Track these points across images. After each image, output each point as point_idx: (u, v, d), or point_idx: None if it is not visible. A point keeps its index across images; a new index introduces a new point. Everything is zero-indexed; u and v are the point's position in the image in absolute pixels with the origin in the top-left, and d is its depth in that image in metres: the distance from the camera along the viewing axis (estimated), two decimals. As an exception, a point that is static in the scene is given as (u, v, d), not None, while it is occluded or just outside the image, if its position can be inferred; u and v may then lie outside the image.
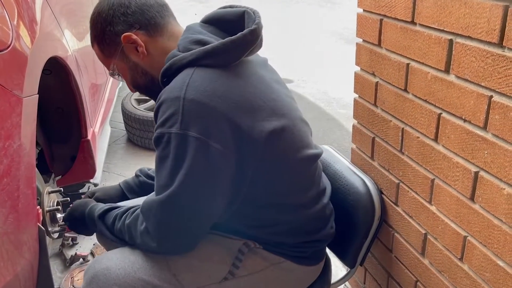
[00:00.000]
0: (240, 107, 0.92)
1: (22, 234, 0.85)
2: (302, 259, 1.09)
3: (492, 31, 0.77)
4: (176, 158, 0.89)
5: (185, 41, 0.99)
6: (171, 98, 0.89)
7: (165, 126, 0.89)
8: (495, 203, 0.84)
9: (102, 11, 1.05)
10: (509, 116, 0.77)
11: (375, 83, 1.15)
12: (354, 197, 1.19)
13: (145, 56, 1.04)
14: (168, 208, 0.92)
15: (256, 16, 0.99)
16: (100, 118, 2.10)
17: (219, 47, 0.93)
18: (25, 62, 0.98)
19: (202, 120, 0.88)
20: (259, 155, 0.95)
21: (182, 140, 0.88)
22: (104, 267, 0.99)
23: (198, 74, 0.92)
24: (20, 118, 0.89)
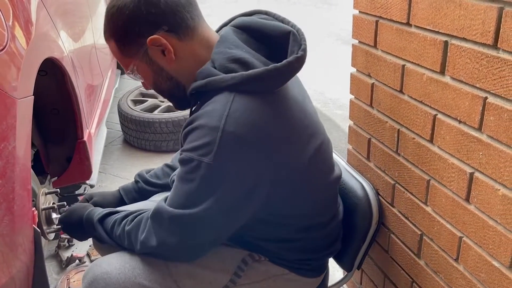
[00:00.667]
0: (280, 140, 0.90)
1: (17, 236, 0.85)
2: (307, 271, 1.09)
3: (486, 33, 0.77)
4: (202, 186, 0.87)
5: (222, 57, 0.91)
6: (210, 126, 0.85)
7: (197, 153, 0.86)
8: (490, 204, 0.84)
9: (124, 7, 0.92)
10: (503, 117, 0.77)
11: (371, 84, 1.16)
12: (352, 201, 1.19)
13: (172, 61, 0.95)
14: (181, 225, 0.90)
15: (302, 39, 0.93)
16: (96, 119, 2.10)
17: (263, 74, 0.87)
18: (20, 63, 0.98)
19: (238, 154, 0.85)
20: (297, 183, 0.95)
21: (213, 171, 0.85)
22: (103, 271, 0.97)
23: (238, 102, 0.86)
24: (15, 119, 0.88)
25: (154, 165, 2.58)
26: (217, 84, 0.89)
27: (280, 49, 0.93)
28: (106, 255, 1.05)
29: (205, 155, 0.85)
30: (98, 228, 1.04)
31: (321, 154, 0.99)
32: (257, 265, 1.04)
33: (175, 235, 0.91)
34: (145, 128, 2.65)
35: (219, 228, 0.93)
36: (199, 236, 0.92)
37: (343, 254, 1.24)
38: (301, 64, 0.91)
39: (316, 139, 0.98)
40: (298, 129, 0.93)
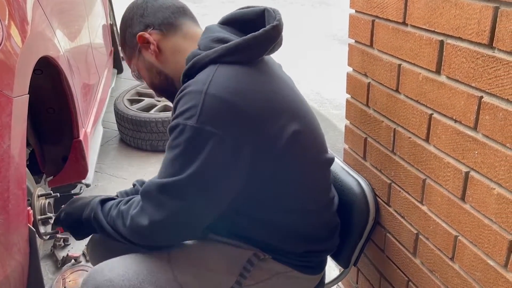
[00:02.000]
0: (261, 107, 0.92)
1: (12, 235, 0.85)
2: (308, 268, 1.09)
3: (482, 32, 0.78)
4: (187, 150, 0.89)
5: (206, 40, 0.99)
6: (194, 91, 0.89)
7: (182, 117, 0.89)
8: (486, 203, 0.84)
9: (124, 16, 1.11)
10: (498, 117, 0.77)
11: (367, 83, 1.16)
12: (349, 198, 1.19)
13: (157, 54, 1.05)
14: (170, 193, 0.90)
15: (276, 13, 0.99)
16: (93, 119, 2.09)
17: (242, 44, 0.93)
18: (16, 62, 0.97)
19: (221, 116, 0.88)
20: (278, 156, 0.94)
21: (197, 133, 0.87)
22: (106, 278, 0.93)
23: (221, 71, 0.92)
24: (10, 118, 0.88)
25: (150, 165, 2.58)
26: (202, 60, 0.95)
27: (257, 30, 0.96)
28: (99, 262, 1.02)
29: (190, 118, 0.87)
30: (98, 210, 1.02)
31: (302, 141, 0.98)
32: (261, 264, 1.04)
33: (163, 208, 0.90)
34: (142, 128, 2.64)
35: (207, 198, 0.92)
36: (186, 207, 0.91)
37: (339, 250, 1.23)
38: (277, 32, 0.96)
39: (298, 124, 0.97)
40: (276, 104, 0.95)
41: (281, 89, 0.99)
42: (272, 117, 0.93)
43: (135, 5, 1.09)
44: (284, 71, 1.11)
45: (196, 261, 1.01)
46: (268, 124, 0.92)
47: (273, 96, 0.95)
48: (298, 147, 0.97)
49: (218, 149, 0.88)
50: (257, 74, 0.95)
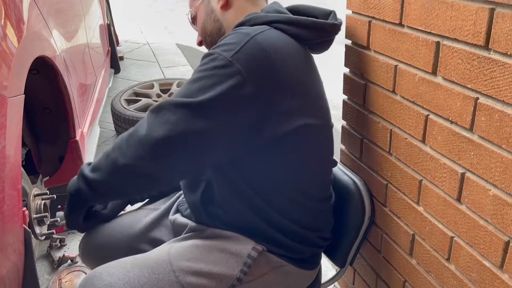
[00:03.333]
0: (292, 79, 0.93)
1: (7, 236, 0.84)
2: (302, 262, 1.09)
3: (478, 34, 0.78)
4: (211, 77, 0.88)
5: (270, 8, 1.05)
6: (242, 32, 0.92)
7: (220, 48, 0.91)
8: (481, 204, 0.84)
9: None
10: (494, 118, 0.78)
11: (363, 84, 1.16)
12: (345, 197, 1.19)
13: (224, 6, 1.09)
14: (181, 113, 0.87)
15: (339, 20, 1.06)
16: (89, 119, 2.09)
17: (300, 20, 0.98)
18: (11, 62, 0.97)
19: (255, 63, 0.89)
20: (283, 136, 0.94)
21: (226, 66, 0.88)
22: (106, 283, 0.91)
23: (272, 31, 0.95)
24: (5, 118, 0.88)
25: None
26: (259, 18, 0.99)
27: None
28: (93, 263, 1.01)
29: (227, 51, 0.89)
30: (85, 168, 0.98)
31: (311, 136, 0.99)
32: (259, 259, 1.04)
33: (166, 124, 0.87)
34: (139, 128, 2.64)
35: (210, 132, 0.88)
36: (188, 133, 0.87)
37: (336, 250, 1.24)
38: (334, 30, 1.03)
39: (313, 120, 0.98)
40: (308, 85, 0.98)
41: (314, 78, 1.02)
42: (297, 93, 0.93)
43: None
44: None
45: (197, 261, 1.00)
46: (289, 97, 0.92)
47: (304, 77, 0.97)
48: (305, 138, 0.97)
49: (236, 89, 0.88)
50: (301, 52, 0.99)
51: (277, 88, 0.90)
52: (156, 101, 2.91)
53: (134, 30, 5.49)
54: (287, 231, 1.05)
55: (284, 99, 0.91)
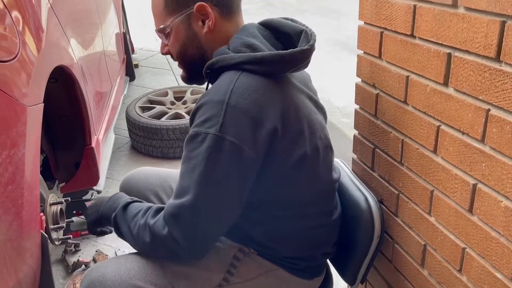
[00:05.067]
0: (277, 123, 0.94)
1: (25, 241, 0.87)
2: (295, 270, 1.10)
3: (489, 46, 0.78)
4: (208, 158, 0.90)
5: (237, 42, 1.00)
6: (215, 101, 0.91)
7: (204, 126, 0.90)
8: (493, 215, 0.84)
9: None
10: (506, 130, 0.78)
11: (375, 94, 1.16)
12: (354, 213, 1.19)
13: (209, 31, 1.03)
14: (194, 213, 0.92)
15: (312, 38, 1.01)
16: (105, 126, 2.12)
17: (267, 57, 0.95)
18: (31, 71, 1.00)
19: (241, 126, 0.90)
20: (286, 172, 0.98)
21: (218, 142, 0.89)
22: (100, 274, 1.00)
23: (242, 80, 0.93)
24: (25, 126, 0.90)
25: (160, 172, 2.60)
26: (226, 61, 0.97)
27: (293, 46, 0.99)
28: None
29: (211, 127, 0.89)
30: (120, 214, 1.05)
31: (307, 167, 1.01)
32: (248, 261, 1.06)
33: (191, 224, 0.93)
34: (153, 135, 2.67)
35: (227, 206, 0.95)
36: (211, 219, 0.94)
37: (345, 267, 1.23)
38: (304, 56, 0.98)
39: (306, 148, 1.00)
40: (288, 123, 0.96)
41: (297, 108, 1.00)
42: (286, 134, 0.95)
43: None
44: (310, 86, 1.13)
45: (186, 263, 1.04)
46: (281, 140, 0.94)
47: (287, 114, 0.96)
48: (305, 168, 1.01)
49: (237, 159, 0.90)
50: (276, 89, 0.97)
51: (269, 137, 0.93)
52: (170, 108, 2.94)
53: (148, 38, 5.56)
54: (280, 241, 1.07)
55: (278, 143, 0.94)
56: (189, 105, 2.98)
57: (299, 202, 1.06)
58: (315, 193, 1.08)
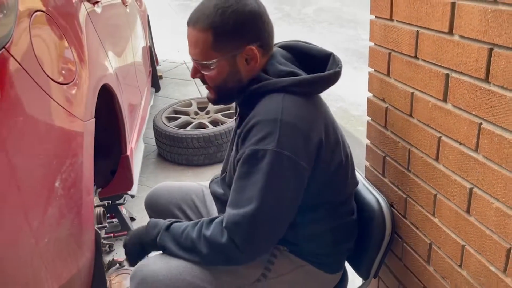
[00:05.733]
0: (321, 136, 1.08)
1: (83, 236, 1.03)
2: (321, 265, 1.23)
3: (479, 69, 0.91)
4: (269, 173, 1.00)
5: (276, 69, 1.10)
6: (269, 120, 1.01)
7: (262, 144, 1.00)
8: (487, 215, 0.96)
9: (248, 6, 1.05)
10: (494, 141, 0.90)
11: (385, 108, 1.30)
12: (368, 214, 1.31)
13: (253, 71, 1.11)
14: (258, 220, 1.02)
15: (339, 62, 1.16)
16: (136, 135, 2.30)
17: (309, 80, 1.08)
18: (85, 92, 1.17)
19: (295, 141, 1.02)
20: (326, 177, 1.12)
21: (277, 157, 1.00)
22: (151, 270, 1.10)
23: (288, 100, 1.05)
24: (83, 138, 1.07)
25: (186, 178, 2.77)
26: (271, 86, 1.07)
27: (319, 69, 1.13)
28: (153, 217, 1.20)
29: (270, 143, 1.00)
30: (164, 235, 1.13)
31: (348, 161, 1.18)
32: (282, 258, 1.18)
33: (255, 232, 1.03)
34: (178, 143, 2.84)
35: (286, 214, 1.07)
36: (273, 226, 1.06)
37: (359, 262, 1.36)
38: (337, 77, 1.14)
39: (346, 147, 1.17)
40: (333, 129, 1.13)
41: (332, 121, 1.16)
42: (328, 146, 1.10)
43: (256, 11, 1.07)
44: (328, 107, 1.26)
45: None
46: (325, 151, 1.09)
47: (327, 128, 1.11)
48: (341, 173, 1.16)
49: (294, 171, 1.03)
50: (315, 106, 1.11)
51: (316, 150, 1.07)
52: (194, 118, 3.11)
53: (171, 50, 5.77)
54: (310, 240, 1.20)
55: (322, 154, 1.08)
56: (212, 115, 3.14)
57: (333, 204, 1.19)
58: (345, 194, 1.22)
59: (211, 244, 1.05)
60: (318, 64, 1.17)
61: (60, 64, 1.07)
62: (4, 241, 0.76)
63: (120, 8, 2.42)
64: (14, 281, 0.78)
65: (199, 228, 1.08)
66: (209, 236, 1.05)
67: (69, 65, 1.12)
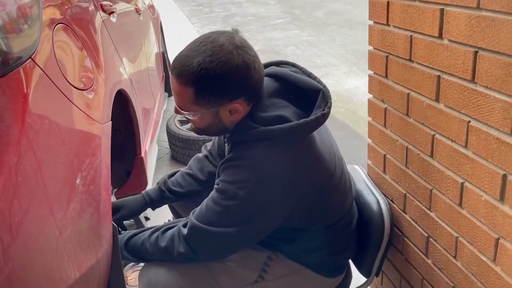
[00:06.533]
0: (304, 177, 1.10)
1: (102, 229, 1.11)
2: (322, 270, 1.29)
3: (466, 70, 0.97)
4: (237, 213, 1.08)
5: (263, 116, 1.07)
6: (247, 167, 1.05)
7: (235, 186, 1.06)
8: (477, 208, 1.02)
9: (229, 63, 1.01)
10: (481, 137, 0.96)
11: (384, 108, 1.36)
12: (368, 215, 1.37)
13: (236, 120, 1.11)
14: (220, 241, 1.11)
15: (328, 97, 1.11)
16: (150, 138, 2.39)
17: (295, 127, 1.05)
18: (102, 97, 1.26)
19: (270, 190, 1.06)
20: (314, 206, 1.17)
21: (247, 203, 1.06)
22: (155, 271, 1.20)
23: (272, 149, 1.05)
24: (101, 140, 1.16)
25: (198, 179, 2.85)
26: (255, 136, 1.08)
27: (308, 100, 1.13)
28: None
29: (241, 189, 1.06)
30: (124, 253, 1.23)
31: (338, 185, 1.21)
32: (280, 263, 1.25)
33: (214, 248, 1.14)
34: (191, 146, 2.94)
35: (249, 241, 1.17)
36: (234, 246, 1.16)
37: (361, 262, 1.42)
38: (325, 119, 1.11)
39: (335, 174, 1.19)
40: (319, 166, 1.14)
41: (321, 155, 1.14)
42: (312, 186, 1.13)
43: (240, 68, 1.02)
44: (327, 131, 1.26)
45: (225, 259, 1.23)
46: (307, 193, 1.12)
47: (313, 168, 1.12)
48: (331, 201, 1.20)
49: (264, 214, 1.09)
50: (301, 149, 1.10)
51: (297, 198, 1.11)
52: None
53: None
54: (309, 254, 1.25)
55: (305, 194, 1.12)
56: (223, 118, 3.22)
57: (327, 224, 1.24)
58: (339, 215, 1.26)
59: (168, 253, 1.16)
60: (307, 97, 1.13)
61: (80, 71, 1.17)
62: (33, 230, 0.85)
63: (134, 16, 2.52)
64: (41, 265, 0.87)
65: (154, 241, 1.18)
66: (165, 247, 1.16)
67: (88, 72, 1.21)
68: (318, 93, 1.12)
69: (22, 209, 0.84)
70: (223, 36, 1.05)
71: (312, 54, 5.65)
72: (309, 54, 5.67)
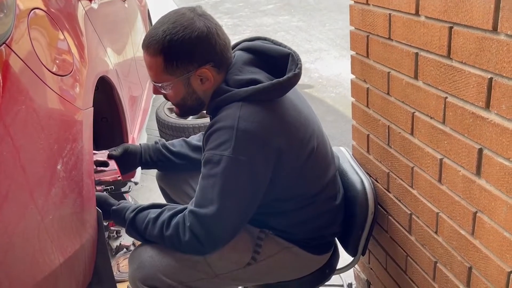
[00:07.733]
0: (281, 140, 1.12)
1: (85, 214, 1.12)
2: (308, 247, 1.31)
3: (442, 46, 0.98)
4: (225, 177, 1.08)
5: (236, 79, 1.13)
6: (226, 127, 1.08)
7: (218, 150, 1.08)
8: (455, 183, 1.04)
9: (194, 31, 1.08)
10: (458, 113, 0.97)
11: (366, 88, 1.37)
12: (352, 194, 1.38)
13: (208, 89, 1.17)
14: (218, 221, 1.11)
15: (298, 60, 1.16)
16: (138, 126, 2.39)
17: (268, 87, 1.11)
18: (83, 83, 1.26)
19: (250, 147, 1.08)
20: (295, 172, 1.18)
21: (233, 162, 1.07)
22: (149, 255, 1.18)
23: (246, 108, 1.09)
24: (82, 125, 1.16)
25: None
26: (233, 97, 1.12)
27: (279, 67, 1.17)
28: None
29: (225, 150, 1.08)
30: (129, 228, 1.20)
31: (317, 152, 1.22)
32: (269, 241, 1.27)
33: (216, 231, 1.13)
34: (180, 133, 2.93)
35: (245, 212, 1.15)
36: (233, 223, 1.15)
37: (346, 241, 1.43)
38: (297, 79, 1.16)
39: (312, 141, 1.21)
40: (292, 132, 1.16)
41: (297, 118, 1.18)
42: (290, 149, 1.15)
43: (204, 34, 1.09)
44: (299, 95, 1.28)
45: None
46: (287, 153, 1.14)
47: (290, 128, 1.15)
48: (311, 167, 1.20)
49: (250, 174, 1.10)
50: (276, 111, 1.14)
51: (275, 153, 1.12)
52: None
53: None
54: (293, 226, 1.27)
55: (284, 156, 1.14)
56: (213, 104, 3.22)
57: (309, 194, 1.25)
58: (321, 184, 1.27)
59: (173, 243, 1.15)
60: (279, 63, 1.18)
61: (57, 57, 1.16)
62: (13, 215, 0.86)
63: (118, 3, 2.50)
64: (23, 249, 0.88)
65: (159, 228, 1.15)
66: (170, 235, 1.13)
67: (66, 58, 1.20)
68: (288, 58, 1.17)
69: (0, 194, 0.84)
70: (185, 8, 1.15)
71: (302, 40, 5.63)
72: (299, 39, 5.65)
